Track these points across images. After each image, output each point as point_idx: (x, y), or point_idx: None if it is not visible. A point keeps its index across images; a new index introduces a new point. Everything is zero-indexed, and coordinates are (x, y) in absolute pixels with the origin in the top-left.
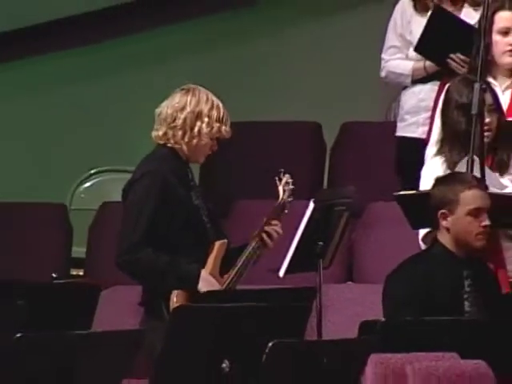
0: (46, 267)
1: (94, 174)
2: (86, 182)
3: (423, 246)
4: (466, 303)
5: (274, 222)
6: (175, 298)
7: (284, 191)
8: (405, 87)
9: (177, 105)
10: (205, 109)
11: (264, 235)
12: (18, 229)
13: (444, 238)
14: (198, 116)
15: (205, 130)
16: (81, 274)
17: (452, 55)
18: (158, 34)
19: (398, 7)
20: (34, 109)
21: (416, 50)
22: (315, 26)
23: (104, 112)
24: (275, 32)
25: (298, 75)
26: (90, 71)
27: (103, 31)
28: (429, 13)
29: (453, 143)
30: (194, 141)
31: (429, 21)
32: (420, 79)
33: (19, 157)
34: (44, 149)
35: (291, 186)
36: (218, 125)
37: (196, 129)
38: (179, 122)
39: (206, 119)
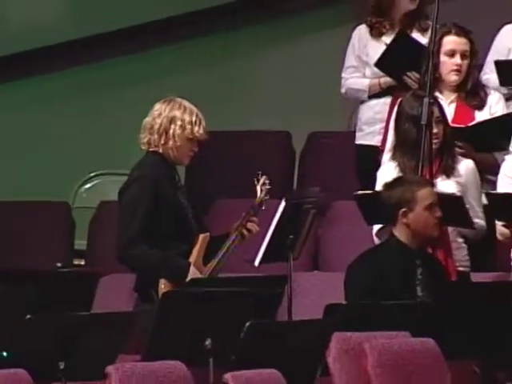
0: (51, 257)
1: (93, 176)
2: (86, 184)
3: (376, 240)
4: (418, 288)
5: (252, 218)
6: (163, 285)
7: (261, 190)
8: (362, 101)
9: (155, 112)
10: (178, 113)
11: (244, 230)
12: (27, 224)
13: (399, 233)
14: (172, 120)
15: (178, 131)
16: (82, 263)
17: (408, 73)
18: (149, 57)
19: (356, 33)
20: (45, 122)
21: (376, 65)
22: (287, 49)
23: (103, 123)
24: (252, 53)
25: (272, 92)
26: (91, 88)
27: (102, 54)
28: (383, 37)
29: (404, 150)
30: (170, 142)
31: (392, 42)
32: (375, 94)
33: (30, 161)
34: (52, 155)
35: (268, 186)
36: (189, 127)
37: (171, 131)
38: (156, 126)
39: (179, 122)
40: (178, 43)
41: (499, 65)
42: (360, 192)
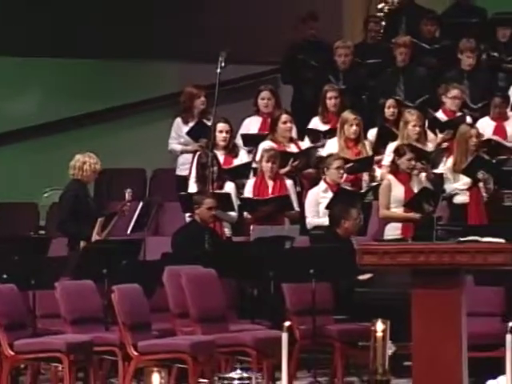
0: (28, 229)
1: (49, 190)
2: (45, 193)
3: (188, 220)
4: (206, 245)
5: (125, 207)
6: (81, 243)
7: (128, 196)
8: (179, 155)
9: (76, 160)
10: (87, 159)
11: (122, 214)
12: (19, 212)
13: (197, 217)
14: (84, 163)
15: (88, 168)
16: (43, 232)
17: (203, 139)
18: (77, 134)
19: (175, 122)
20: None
21: (187, 134)
22: (137, 131)
23: (56, 166)
24: (120, 133)
25: (135, 150)
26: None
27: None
28: (189, 124)
29: (198, 179)
30: (84, 173)
31: (194, 125)
32: (186, 152)
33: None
34: (35, 179)
35: (131, 194)
36: (93, 166)
37: (84, 168)
38: (77, 166)
39: (88, 163)
40: (93, 126)
41: (243, 136)
42: (181, 193)
